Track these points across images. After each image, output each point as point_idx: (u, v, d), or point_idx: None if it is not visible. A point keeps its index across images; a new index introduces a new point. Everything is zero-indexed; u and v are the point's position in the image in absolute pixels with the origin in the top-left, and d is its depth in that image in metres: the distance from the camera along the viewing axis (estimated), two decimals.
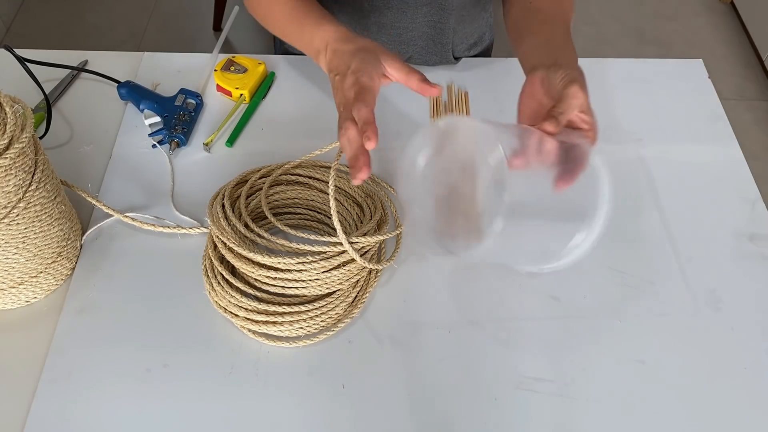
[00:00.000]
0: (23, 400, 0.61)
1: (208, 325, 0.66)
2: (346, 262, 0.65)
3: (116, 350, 0.64)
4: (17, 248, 0.62)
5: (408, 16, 0.88)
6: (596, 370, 0.65)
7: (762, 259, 0.73)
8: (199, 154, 0.81)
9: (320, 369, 0.64)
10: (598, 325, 0.68)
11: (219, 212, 0.68)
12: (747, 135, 1.89)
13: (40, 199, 0.62)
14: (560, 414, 0.62)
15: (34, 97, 0.83)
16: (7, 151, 0.56)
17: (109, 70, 0.87)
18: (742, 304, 0.70)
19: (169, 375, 0.63)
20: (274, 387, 0.63)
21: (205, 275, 0.67)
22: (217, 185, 0.74)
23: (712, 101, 0.89)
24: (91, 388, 0.62)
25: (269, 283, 0.65)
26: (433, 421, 0.61)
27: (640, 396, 0.63)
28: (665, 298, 0.70)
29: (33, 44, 2.02)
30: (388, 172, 0.78)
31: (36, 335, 0.65)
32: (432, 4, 0.87)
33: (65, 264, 0.68)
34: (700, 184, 0.80)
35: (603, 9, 2.22)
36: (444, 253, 0.60)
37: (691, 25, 2.19)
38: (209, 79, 0.89)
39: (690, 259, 0.73)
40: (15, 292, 0.65)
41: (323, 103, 0.86)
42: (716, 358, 0.66)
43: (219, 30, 2.07)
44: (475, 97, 0.87)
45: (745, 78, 2.05)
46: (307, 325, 0.64)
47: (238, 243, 0.65)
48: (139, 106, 0.83)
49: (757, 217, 0.77)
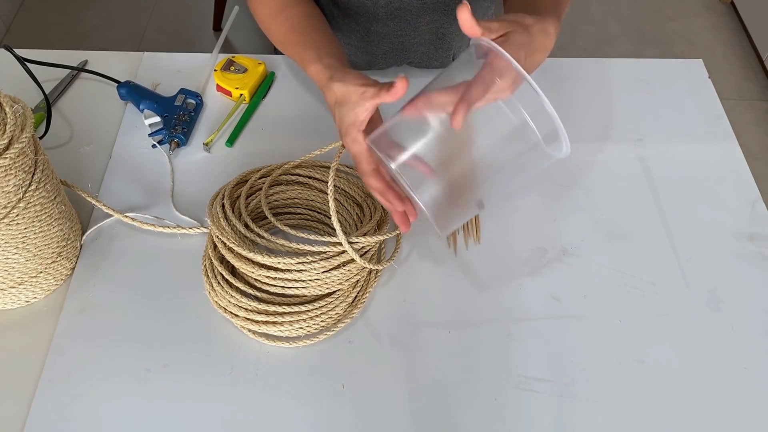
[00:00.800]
0: (23, 400, 0.61)
1: (208, 325, 0.66)
2: (346, 262, 0.65)
3: (116, 350, 0.65)
4: (17, 248, 0.62)
5: (411, 24, 0.88)
6: (596, 370, 0.65)
7: (762, 259, 0.73)
8: (199, 154, 0.81)
9: (320, 369, 0.64)
10: (598, 325, 0.68)
11: (219, 212, 0.68)
12: (747, 135, 1.89)
13: (40, 199, 0.62)
14: (560, 414, 0.62)
15: (34, 97, 0.83)
16: (7, 151, 0.56)
17: (109, 70, 0.87)
18: (742, 304, 0.70)
19: (169, 375, 0.63)
20: (274, 387, 0.63)
21: (205, 275, 0.67)
22: (217, 185, 0.74)
23: (712, 101, 0.89)
24: (91, 388, 0.62)
25: (269, 283, 0.65)
26: (433, 421, 0.61)
27: (640, 396, 0.63)
28: (665, 298, 0.70)
29: (33, 44, 2.02)
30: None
31: (36, 335, 0.65)
32: (435, 12, 0.86)
33: (65, 264, 0.68)
34: (700, 184, 0.80)
35: (603, 9, 2.22)
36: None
37: (691, 25, 2.19)
38: (209, 79, 0.89)
39: (690, 259, 0.73)
40: (15, 292, 0.65)
41: (323, 103, 0.86)
42: (716, 358, 0.66)
43: (219, 30, 2.07)
44: None
45: (745, 78, 2.05)
46: (307, 325, 0.64)
47: (238, 243, 0.65)
48: (139, 106, 0.83)
49: (757, 217, 0.77)
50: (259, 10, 0.77)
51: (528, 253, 0.72)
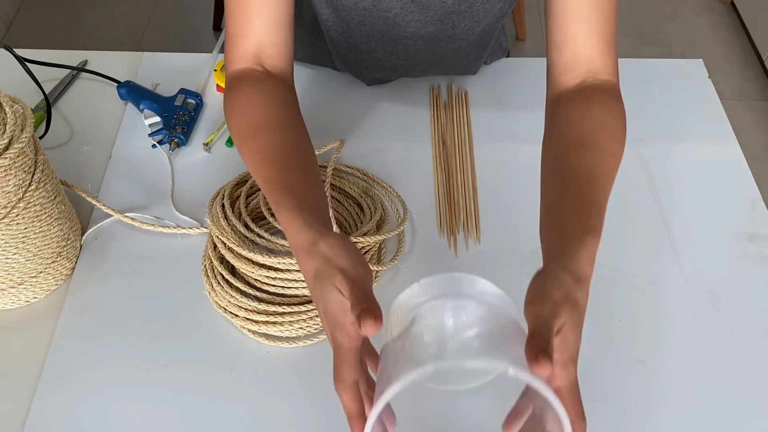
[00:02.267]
0: (23, 400, 0.61)
1: (208, 325, 0.66)
2: None
3: (116, 350, 0.64)
4: (17, 248, 0.62)
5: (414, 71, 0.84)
6: (596, 370, 0.65)
7: (762, 259, 0.73)
8: (199, 154, 0.81)
9: (320, 369, 0.64)
10: (598, 325, 0.68)
11: (219, 212, 0.68)
12: (747, 135, 1.89)
13: (40, 199, 0.62)
14: None
15: (34, 97, 0.83)
16: (7, 151, 0.56)
17: (108, 70, 0.87)
18: (742, 304, 0.70)
19: (169, 375, 0.63)
20: (274, 387, 0.63)
21: (204, 275, 0.67)
22: (217, 185, 0.74)
23: (712, 101, 0.89)
24: (90, 388, 0.62)
25: (269, 283, 0.65)
26: (433, 421, 0.61)
27: (640, 396, 0.63)
28: (665, 298, 0.70)
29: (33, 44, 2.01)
30: (388, 172, 0.78)
31: (36, 335, 0.65)
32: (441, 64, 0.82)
33: (65, 264, 0.68)
34: (699, 184, 0.80)
35: None
36: None
37: (691, 25, 2.19)
38: (209, 79, 0.88)
39: (690, 259, 0.73)
40: (15, 292, 0.65)
41: (322, 103, 0.86)
42: (716, 358, 0.66)
43: (219, 30, 2.07)
44: (475, 97, 0.87)
45: (745, 78, 2.05)
46: (307, 325, 0.64)
47: (238, 243, 0.65)
48: (139, 106, 0.83)
49: (757, 217, 0.77)
50: (232, 117, 0.64)
51: (528, 253, 0.72)
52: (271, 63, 0.65)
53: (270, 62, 0.65)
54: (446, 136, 0.83)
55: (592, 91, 0.63)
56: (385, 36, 0.74)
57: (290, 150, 0.59)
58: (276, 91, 0.64)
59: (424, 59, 0.79)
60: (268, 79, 0.64)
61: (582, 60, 0.63)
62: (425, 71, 0.85)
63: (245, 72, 0.64)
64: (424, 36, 0.74)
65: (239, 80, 0.64)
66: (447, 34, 0.74)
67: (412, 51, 0.77)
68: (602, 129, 0.61)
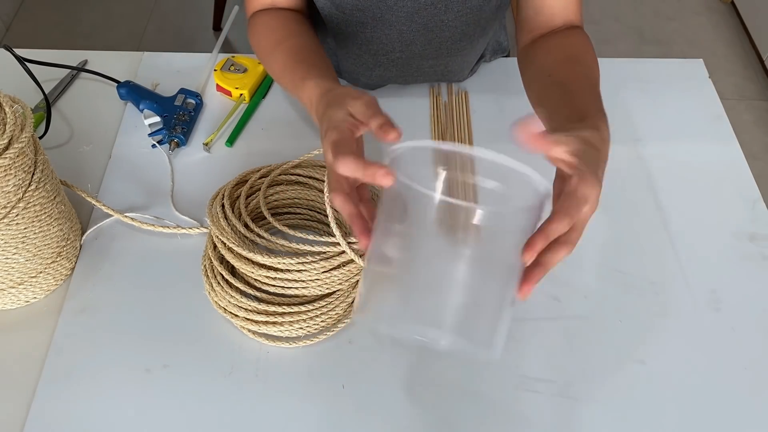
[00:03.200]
0: (23, 400, 0.61)
1: (208, 326, 0.66)
2: (346, 262, 0.65)
3: (116, 350, 0.64)
4: (17, 248, 0.62)
5: (413, 66, 0.84)
6: (596, 371, 0.65)
7: (762, 259, 0.73)
8: (198, 154, 0.81)
9: (320, 369, 0.64)
10: (598, 325, 0.68)
11: (219, 212, 0.68)
12: (747, 135, 1.89)
13: (40, 199, 0.62)
14: (561, 414, 0.62)
15: (34, 97, 0.83)
16: (7, 151, 0.56)
17: (108, 70, 0.87)
18: (742, 304, 0.70)
19: (168, 375, 0.63)
20: (274, 387, 0.63)
21: (204, 275, 0.67)
22: (217, 185, 0.74)
23: (712, 101, 0.89)
24: (90, 388, 0.62)
25: (269, 283, 0.65)
26: (433, 421, 0.61)
27: (640, 396, 0.63)
28: (665, 298, 0.70)
29: (33, 44, 2.02)
30: None
31: (36, 335, 0.65)
32: (439, 57, 0.83)
33: (65, 264, 0.68)
34: (700, 184, 0.80)
35: (603, 9, 2.22)
36: None
37: (691, 25, 2.19)
38: (209, 79, 0.88)
39: (690, 259, 0.73)
40: (15, 292, 0.65)
41: None
42: (716, 358, 0.66)
43: (219, 30, 2.07)
44: (475, 97, 0.87)
45: (745, 78, 2.05)
46: (307, 326, 0.64)
47: (238, 243, 0.65)
48: (139, 106, 0.83)
49: (757, 217, 0.77)
50: (257, 42, 0.75)
51: None
52: (286, 4, 0.77)
53: (284, 3, 0.77)
54: (446, 136, 0.83)
55: (564, 30, 0.74)
56: (379, 21, 0.76)
57: (308, 49, 0.70)
58: (288, 16, 0.76)
59: (419, 50, 0.80)
60: (283, 10, 0.77)
61: (557, 10, 0.74)
62: (421, 69, 0.85)
63: (263, 10, 0.77)
64: (417, 21, 0.76)
65: (259, 15, 0.76)
66: (440, 19, 0.76)
67: (407, 39, 0.79)
68: (584, 51, 0.71)
